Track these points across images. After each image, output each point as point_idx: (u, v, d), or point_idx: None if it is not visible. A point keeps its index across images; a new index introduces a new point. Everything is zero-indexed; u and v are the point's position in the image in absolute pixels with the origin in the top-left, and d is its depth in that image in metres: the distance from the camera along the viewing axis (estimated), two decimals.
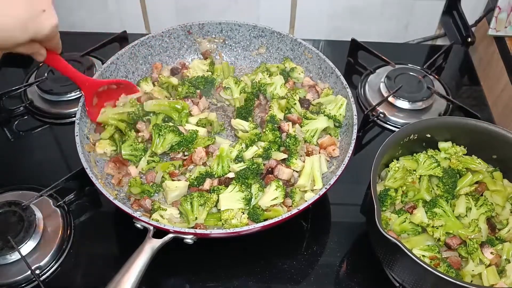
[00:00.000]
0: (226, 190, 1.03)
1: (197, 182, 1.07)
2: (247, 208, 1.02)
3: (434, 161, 1.06)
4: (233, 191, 1.03)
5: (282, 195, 1.03)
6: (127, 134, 1.12)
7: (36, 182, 1.14)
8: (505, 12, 1.41)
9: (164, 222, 0.99)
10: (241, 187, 1.03)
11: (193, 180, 1.07)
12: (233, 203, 1.02)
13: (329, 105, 1.17)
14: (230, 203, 1.02)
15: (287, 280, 1.03)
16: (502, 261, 0.96)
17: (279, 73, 1.25)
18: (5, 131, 1.30)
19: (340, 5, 1.54)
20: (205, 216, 1.01)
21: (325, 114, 1.16)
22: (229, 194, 1.03)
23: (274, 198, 1.03)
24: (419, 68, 1.42)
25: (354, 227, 1.12)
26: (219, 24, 1.29)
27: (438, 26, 1.62)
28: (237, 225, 0.99)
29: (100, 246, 1.08)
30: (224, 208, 1.01)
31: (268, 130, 1.11)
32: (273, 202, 1.03)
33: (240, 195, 1.02)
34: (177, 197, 1.05)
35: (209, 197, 1.02)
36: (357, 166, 1.11)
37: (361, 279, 1.04)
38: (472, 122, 1.08)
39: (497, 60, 1.46)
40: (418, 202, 1.03)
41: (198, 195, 1.01)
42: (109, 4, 1.54)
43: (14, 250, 1.00)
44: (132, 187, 1.05)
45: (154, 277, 1.02)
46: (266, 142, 1.10)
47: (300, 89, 1.25)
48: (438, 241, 0.98)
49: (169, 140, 1.09)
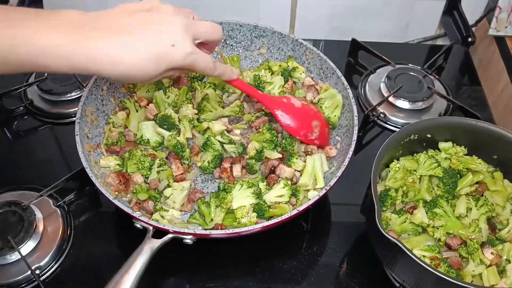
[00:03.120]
0: (235, 188, 1.04)
1: (213, 164, 1.10)
2: (258, 202, 1.03)
3: (435, 161, 1.06)
4: (242, 188, 1.04)
5: (288, 194, 1.04)
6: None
7: (36, 182, 1.14)
8: (506, 12, 1.41)
9: (164, 222, 1.00)
10: (248, 183, 1.04)
11: (208, 164, 1.09)
12: (244, 199, 1.03)
13: (327, 101, 1.18)
14: (241, 201, 1.03)
15: (287, 280, 1.03)
16: (502, 261, 0.95)
17: (280, 73, 1.25)
18: (5, 131, 1.29)
19: (340, 5, 1.54)
20: (223, 217, 1.02)
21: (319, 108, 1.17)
22: (238, 192, 1.04)
23: (280, 195, 1.04)
24: (419, 68, 1.42)
25: (354, 227, 1.12)
26: (220, 24, 1.28)
27: (438, 26, 1.62)
28: (247, 224, 1.01)
29: (100, 246, 1.08)
30: (236, 206, 1.02)
31: (266, 129, 1.11)
32: (278, 199, 1.03)
33: (249, 190, 1.03)
34: (185, 198, 1.06)
35: (225, 197, 1.02)
36: (357, 166, 1.11)
37: (361, 279, 1.04)
38: (472, 122, 1.07)
39: (497, 60, 1.45)
40: (418, 202, 1.03)
41: (214, 195, 1.03)
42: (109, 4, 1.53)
43: (14, 250, 1.00)
44: (138, 194, 1.04)
45: (154, 277, 1.02)
46: (259, 144, 1.10)
47: (299, 89, 1.25)
48: (439, 241, 0.98)
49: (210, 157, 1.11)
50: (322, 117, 1.15)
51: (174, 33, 0.82)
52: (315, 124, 1.12)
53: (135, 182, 1.06)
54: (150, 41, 0.79)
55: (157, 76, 0.84)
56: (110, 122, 1.16)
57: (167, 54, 0.81)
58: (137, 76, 0.81)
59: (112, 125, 1.16)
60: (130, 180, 1.06)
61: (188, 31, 0.83)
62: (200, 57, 0.86)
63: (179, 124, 1.14)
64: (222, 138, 1.12)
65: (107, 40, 0.77)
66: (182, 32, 0.82)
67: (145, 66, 0.80)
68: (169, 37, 0.81)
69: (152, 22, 0.81)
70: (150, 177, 1.07)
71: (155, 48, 0.80)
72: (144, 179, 1.07)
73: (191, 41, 0.84)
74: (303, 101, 1.14)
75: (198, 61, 0.86)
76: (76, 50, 0.76)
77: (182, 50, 0.82)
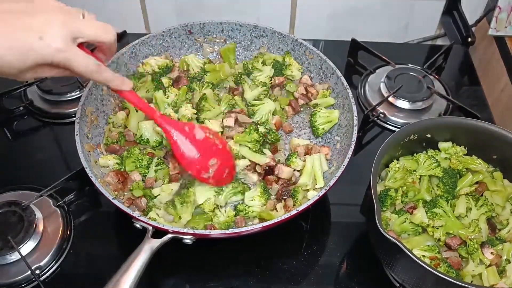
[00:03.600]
0: (195, 183, 1.05)
1: None
2: (221, 191, 1.04)
3: (434, 161, 1.06)
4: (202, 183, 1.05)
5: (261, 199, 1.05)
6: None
7: (36, 182, 1.14)
8: (505, 12, 1.41)
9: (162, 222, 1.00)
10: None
11: None
12: (206, 192, 1.04)
13: (322, 111, 1.18)
14: (204, 194, 1.04)
15: (287, 280, 1.03)
16: (502, 261, 0.95)
17: (272, 65, 1.26)
18: (5, 131, 1.29)
19: (340, 5, 1.54)
20: (190, 214, 1.02)
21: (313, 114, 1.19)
22: (199, 187, 1.04)
23: (252, 198, 1.05)
24: (419, 68, 1.42)
25: (354, 227, 1.12)
26: (220, 24, 1.29)
27: (438, 26, 1.62)
28: (227, 221, 1.01)
29: (100, 246, 1.08)
30: (202, 201, 1.03)
31: (252, 129, 1.11)
32: (251, 203, 1.05)
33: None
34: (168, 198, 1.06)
35: (186, 193, 1.02)
36: (357, 166, 1.11)
37: (361, 279, 1.04)
38: (472, 122, 1.07)
39: (497, 60, 1.45)
40: (418, 202, 1.03)
41: (176, 195, 1.03)
42: (109, 4, 1.54)
43: (14, 250, 1.00)
44: (134, 190, 1.05)
45: (154, 277, 1.02)
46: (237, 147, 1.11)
47: (291, 83, 1.25)
48: (438, 241, 0.98)
49: None
50: (227, 154, 1.06)
51: (44, 26, 0.75)
52: (212, 163, 1.02)
53: (133, 180, 1.06)
54: (16, 32, 0.73)
55: (26, 71, 0.77)
56: (110, 122, 1.16)
57: (32, 47, 0.74)
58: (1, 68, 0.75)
59: (112, 125, 1.16)
60: (128, 179, 1.07)
61: (64, 26, 0.76)
62: (76, 56, 0.78)
63: None
64: None
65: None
66: (54, 27, 0.76)
67: (7, 58, 0.74)
68: (38, 30, 0.75)
69: (25, 13, 0.75)
70: (147, 176, 1.08)
71: (19, 40, 0.73)
72: (142, 177, 1.08)
73: (66, 37, 0.77)
74: (208, 134, 1.04)
75: (73, 61, 0.79)
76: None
77: (50, 45, 0.75)
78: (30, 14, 0.75)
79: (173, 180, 1.08)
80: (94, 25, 0.82)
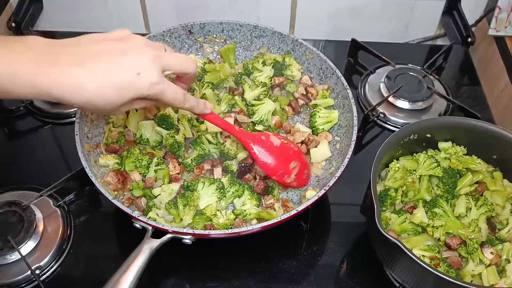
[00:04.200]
0: (198, 187, 1.05)
1: (195, 162, 1.10)
2: (223, 197, 1.04)
3: (434, 161, 1.06)
4: (205, 186, 1.04)
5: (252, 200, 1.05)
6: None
7: (36, 182, 1.14)
8: (505, 12, 1.41)
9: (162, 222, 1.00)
10: (210, 180, 1.05)
11: (191, 162, 1.09)
12: (209, 197, 1.04)
13: (322, 111, 1.19)
14: (207, 199, 1.04)
15: (287, 280, 1.03)
16: (502, 261, 0.95)
17: (272, 65, 1.26)
18: (5, 131, 1.30)
19: (340, 5, 1.54)
20: (192, 216, 1.02)
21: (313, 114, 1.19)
22: (203, 191, 1.04)
23: (243, 203, 1.05)
24: (419, 68, 1.42)
25: (354, 227, 1.12)
26: (220, 24, 1.29)
27: (438, 26, 1.62)
28: (227, 224, 1.01)
29: (100, 246, 1.08)
30: (203, 206, 1.03)
31: (250, 130, 1.11)
32: (244, 207, 1.05)
33: (212, 187, 1.04)
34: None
35: (191, 196, 1.02)
36: (357, 166, 1.11)
37: (361, 279, 1.04)
38: (472, 122, 1.07)
39: (497, 60, 1.45)
40: (418, 202, 1.03)
41: (181, 195, 1.03)
42: (109, 4, 1.54)
43: (14, 250, 1.00)
44: (133, 190, 1.05)
45: (154, 277, 1.02)
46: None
47: (291, 83, 1.25)
48: (438, 241, 0.98)
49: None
50: (302, 157, 1.10)
51: (140, 62, 0.80)
52: (293, 166, 1.07)
53: (133, 180, 1.06)
54: (115, 70, 0.78)
55: (123, 106, 0.82)
56: (110, 121, 1.16)
57: (132, 83, 0.79)
58: (100, 104, 0.79)
59: (112, 125, 1.16)
60: (128, 178, 1.07)
61: (155, 61, 0.82)
62: (167, 87, 0.84)
63: (178, 124, 1.14)
64: (212, 138, 1.12)
65: (72, 67, 0.76)
66: (148, 62, 0.81)
67: (108, 95, 0.78)
68: (135, 67, 0.80)
69: (120, 52, 0.80)
70: (147, 176, 1.08)
71: (119, 77, 0.78)
72: (142, 177, 1.08)
73: (158, 71, 0.82)
74: (283, 140, 1.09)
75: (165, 92, 0.84)
76: (39, 76, 0.74)
77: (147, 80, 0.80)
78: (124, 52, 0.80)
79: (173, 180, 1.08)
80: (178, 58, 0.89)
